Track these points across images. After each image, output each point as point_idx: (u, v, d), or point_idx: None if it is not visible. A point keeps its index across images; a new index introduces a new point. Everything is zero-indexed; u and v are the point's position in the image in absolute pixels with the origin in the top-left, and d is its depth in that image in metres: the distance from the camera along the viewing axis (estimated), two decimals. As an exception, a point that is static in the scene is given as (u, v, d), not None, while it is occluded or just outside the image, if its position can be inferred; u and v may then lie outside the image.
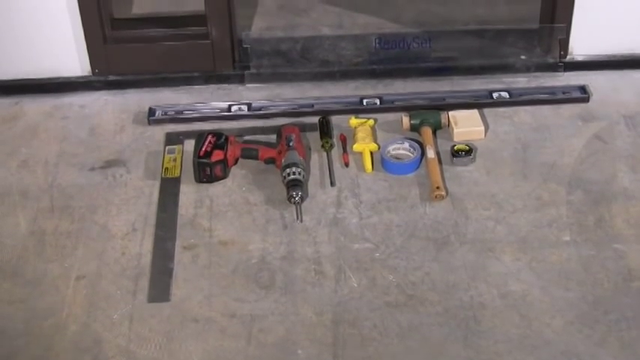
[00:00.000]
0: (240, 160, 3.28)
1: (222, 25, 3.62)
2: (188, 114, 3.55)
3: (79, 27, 3.60)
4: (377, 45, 3.71)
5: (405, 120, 3.40)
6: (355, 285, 2.81)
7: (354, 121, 3.44)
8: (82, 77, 3.71)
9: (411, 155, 3.28)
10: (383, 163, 3.26)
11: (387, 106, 3.54)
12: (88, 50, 3.66)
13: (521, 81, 3.69)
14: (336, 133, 3.42)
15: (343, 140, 3.37)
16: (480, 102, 3.55)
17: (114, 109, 3.62)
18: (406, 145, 3.32)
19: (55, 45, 3.65)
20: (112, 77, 3.71)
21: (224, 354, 2.62)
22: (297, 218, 3.03)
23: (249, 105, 3.56)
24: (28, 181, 3.27)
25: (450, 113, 3.43)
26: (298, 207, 3.05)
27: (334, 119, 3.47)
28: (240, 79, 3.70)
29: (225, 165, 3.21)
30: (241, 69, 3.70)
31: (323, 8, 4.09)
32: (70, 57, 3.67)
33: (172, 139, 3.43)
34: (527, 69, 3.72)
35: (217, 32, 3.63)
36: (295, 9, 4.09)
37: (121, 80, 3.71)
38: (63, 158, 3.37)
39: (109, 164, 3.33)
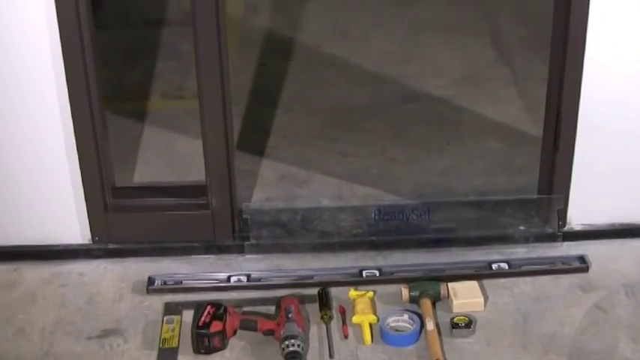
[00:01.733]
0: (239, 331, 3.25)
1: (222, 195, 3.64)
2: (187, 284, 3.54)
3: (81, 195, 3.62)
4: (376, 216, 3.73)
5: (405, 292, 3.40)
6: None
7: (353, 293, 3.43)
8: (82, 245, 3.71)
9: (411, 327, 3.26)
10: (382, 335, 3.24)
11: (386, 277, 3.54)
12: (89, 218, 3.68)
13: (520, 252, 3.69)
14: (335, 304, 3.40)
15: (342, 312, 3.35)
16: (480, 273, 3.55)
17: (113, 277, 3.61)
18: (405, 317, 3.30)
19: (55, 212, 3.66)
20: (111, 245, 3.71)
21: None
22: (296, 391, 3.00)
23: (248, 276, 3.56)
24: (24, 349, 3.24)
25: (450, 285, 3.42)
26: (297, 379, 3.02)
27: (334, 291, 3.46)
28: (240, 250, 3.70)
29: (223, 336, 3.19)
30: (241, 239, 3.71)
31: (322, 179, 4.12)
32: (71, 224, 3.68)
33: (171, 308, 3.41)
34: (526, 240, 3.73)
35: (218, 203, 3.65)
36: (295, 180, 4.13)
37: (121, 249, 3.71)
38: (60, 326, 3.35)
39: (107, 333, 3.31)
